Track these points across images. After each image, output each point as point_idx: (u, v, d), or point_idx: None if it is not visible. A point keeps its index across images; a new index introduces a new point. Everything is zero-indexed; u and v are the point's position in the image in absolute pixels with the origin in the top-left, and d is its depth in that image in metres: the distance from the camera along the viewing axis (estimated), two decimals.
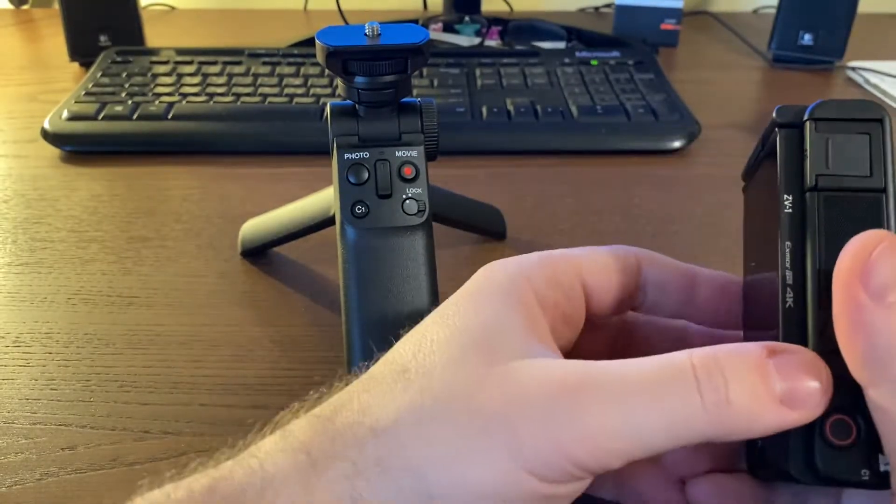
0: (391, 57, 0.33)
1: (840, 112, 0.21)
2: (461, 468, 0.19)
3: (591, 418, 0.19)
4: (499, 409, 0.19)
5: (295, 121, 0.60)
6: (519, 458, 0.19)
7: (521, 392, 0.20)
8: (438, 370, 0.21)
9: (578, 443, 0.19)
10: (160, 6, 1.00)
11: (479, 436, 0.19)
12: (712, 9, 1.03)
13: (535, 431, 0.19)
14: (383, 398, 0.21)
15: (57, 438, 0.33)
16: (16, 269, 0.45)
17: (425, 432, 0.20)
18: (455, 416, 0.20)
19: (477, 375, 0.20)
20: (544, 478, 0.19)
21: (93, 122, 0.60)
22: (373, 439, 0.20)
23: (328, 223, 0.40)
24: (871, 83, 0.75)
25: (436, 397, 0.20)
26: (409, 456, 0.19)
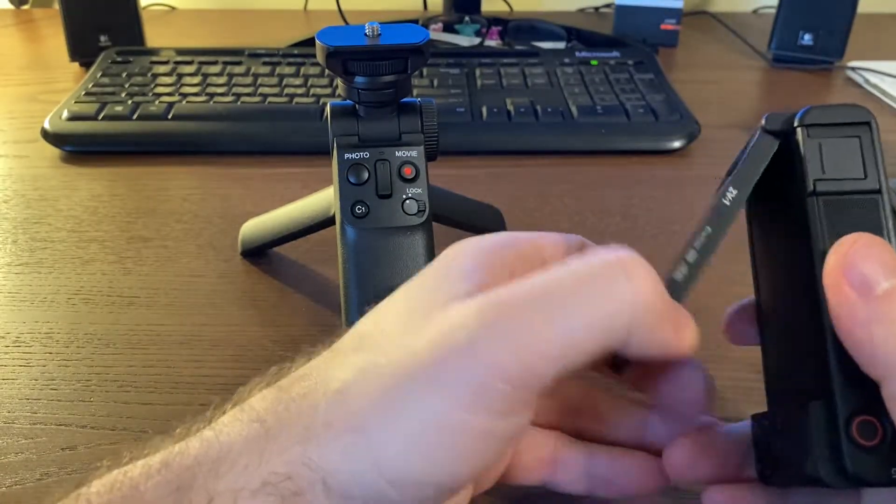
0: (391, 57, 0.33)
1: (829, 117, 0.21)
2: (397, 417, 0.19)
3: (517, 330, 0.19)
4: (427, 353, 0.19)
5: (295, 121, 0.60)
6: (449, 397, 0.19)
7: (446, 329, 0.20)
8: (386, 332, 0.21)
9: (509, 356, 0.19)
10: (160, 6, 1.00)
11: (412, 385, 0.19)
12: (712, 9, 1.03)
13: (459, 362, 0.19)
14: (340, 365, 0.21)
15: (57, 438, 0.33)
16: (16, 269, 0.45)
17: (370, 393, 0.20)
18: (394, 372, 0.20)
19: (413, 329, 0.21)
20: (477, 409, 0.19)
21: (93, 122, 0.60)
22: (324, 404, 0.20)
23: (328, 223, 0.40)
24: (870, 83, 0.75)
25: (380, 357, 0.20)
26: (353, 414, 0.20)
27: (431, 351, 0.19)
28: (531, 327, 0.19)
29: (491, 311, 0.19)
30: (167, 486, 0.19)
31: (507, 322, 0.19)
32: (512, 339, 0.19)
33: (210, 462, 0.20)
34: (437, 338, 0.20)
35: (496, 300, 0.20)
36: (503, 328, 0.19)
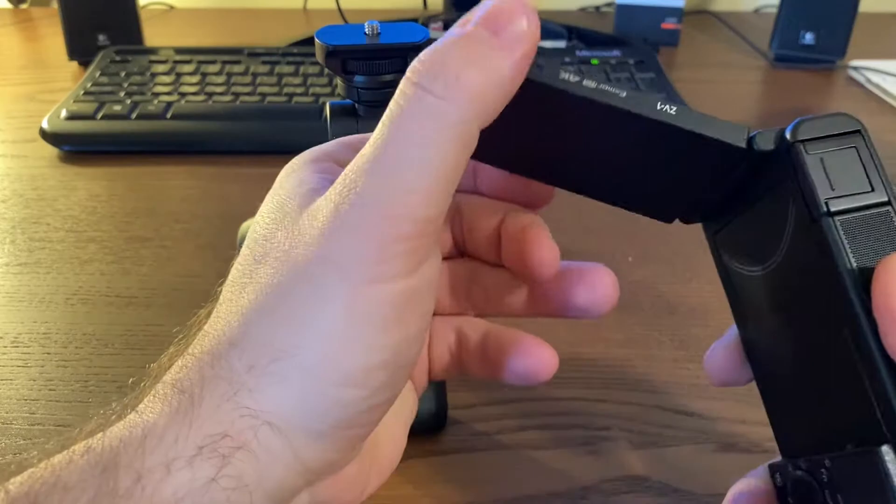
0: (391, 56, 0.33)
1: (819, 130, 0.20)
2: (318, 325, 0.19)
3: (374, 189, 0.18)
4: (308, 252, 0.19)
5: (294, 120, 0.60)
6: (352, 276, 0.19)
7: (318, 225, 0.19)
8: (257, 262, 0.20)
9: (381, 218, 0.18)
10: (159, 5, 0.99)
11: (309, 285, 0.19)
12: (713, 8, 1.02)
13: (347, 242, 0.19)
14: (230, 312, 0.20)
15: (55, 439, 0.33)
16: (14, 270, 0.44)
17: (273, 316, 0.19)
18: (288, 285, 0.19)
19: (287, 240, 0.20)
20: (384, 276, 0.19)
21: (91, 121, 0.59)
22: (234, 349, 0.19)
23: None
24: (872, 82, 0.75)
25: (267, 282, 0.20)
26: (273, 345, 0.19)
27: (314, 246, 0.19)
28: (386, 181, 0.19)
29: (348, 186, 0.19)
30: (91, 470, 0.18)
31: (367, 187, 0.19)
32: (377, 198, 0.19)
33: (136, 441, 0.19)
34: (313, 233, 0.19)
35: (346, 175, 0.19)
36: (369, 194, 0.19)
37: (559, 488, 0.31)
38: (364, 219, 0.19)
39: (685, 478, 0.31)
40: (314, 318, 0.19)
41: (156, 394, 0.20)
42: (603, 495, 0.31)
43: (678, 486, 0.31)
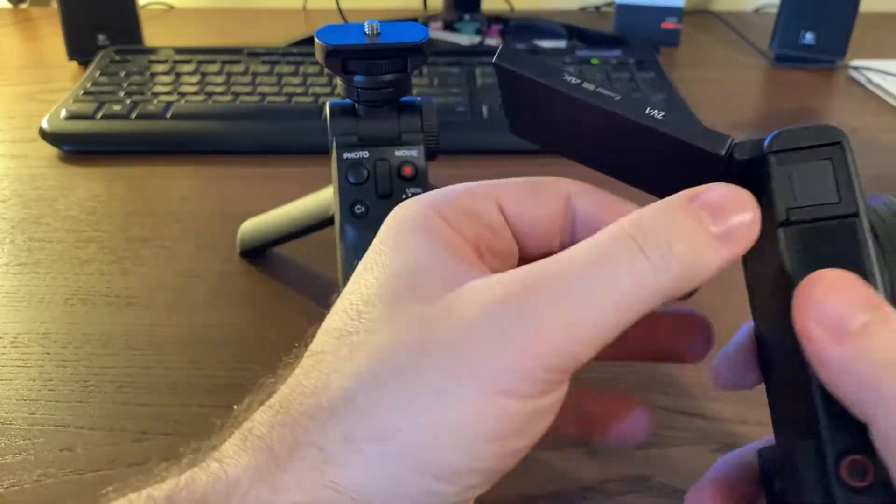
0: (391, 56, 0.33)
1: (799, 140, 0.20)
2: (433, 414, 0.18)
3: (549, 316, 0.18)
4: (451, 343, 0.18)
5: (294, 120, 0.60)
6: (488, 383, 0.18)
7: (468, 316, 0.19)
8: (378, 324, 0.20)
9: (543, 344, 0.18)
10: (159, 5, 0.99)
11: (440, 375, 0.18)
12: (714, 7, 1.02)
13: (497, 350, 0.18)
14: (333, 371, 0.19)
15: (55, 439, 0.33)
16: (14, 270, 0.44)
17: (386, 392, 0.19)
18: (409, 365, 0.19)
19: (418, 317, 0.19)
20: (519, 394, 0.18)
21: (91, 121, 0.59)
22: (333, 418, 0.19)
23: (327, 223, 0.40)
24: (872, 82, 0.75)
25: (384, 353, 0.19)
26: (377, 422, 0.18)
27: (451, 345, 0.18)
28: (560, 315, 0.18)
29: (512, 304, 0.19)
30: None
31: (535, 314, 0.18)
32: (542, 330, 0.18)
33: (219, 498, 0.18)
34: (454, 330, 0.19)
35: (514, 291, 0.19)
36: (533, 319, 0.18)
37: (559, 488, 0.31)
38: (524, 339, 0.18)
39: (686, 478, 0.31)
40: (431, 410, 0.18)
41: (242, 445, 0.20)
42: (604, 495, 0.31)
43: (679, 486, 0.31)
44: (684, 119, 0.21)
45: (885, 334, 0.17)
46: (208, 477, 0.19)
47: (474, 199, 0.23)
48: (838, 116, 0.70)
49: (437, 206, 0.22)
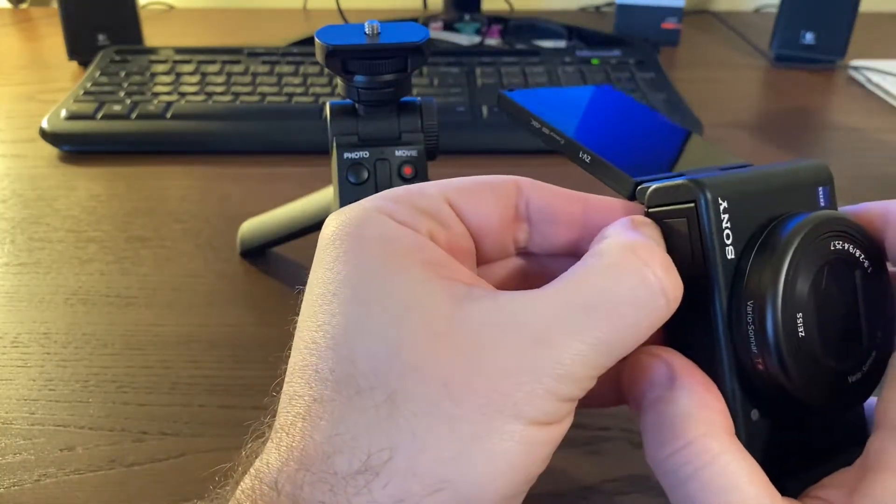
0: (391, 56, 0.33)
1: (666, 198, 0.21)
2: (481, 457, 0.18)
3: (572, 360, 0.18)
4: (478, 382, 0.18)
5: (294, 120, 0.60)
6: (523, 417, 0.18)
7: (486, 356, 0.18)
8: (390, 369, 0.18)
9: (569, 383, 0.19)
10: (159, 5, 0.99)
11: (477, 417, 0.18)
12: (714, 8, 1.02)
13: (524, 385, 0.18)
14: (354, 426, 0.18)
15: (55, 439, 0.33)
16: (14, 270, 0.44)
17: (427, 445, 0.18)
18: (442, 412, 0.18)
19: (433, 359, 0.18)
20: (552, 421, 0.19)
21: (91, 121, 0.59)
22: (377, 479, 0.18)
23: None
24: (872, 82, 0.75)
25: (410, 404, 0.18)
26: (426, 477, 0.18)
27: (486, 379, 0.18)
28: (573, 351, 0.19)
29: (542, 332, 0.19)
30: None
31: (557, 349, 0.19)
32: (567, 367, 0.19)
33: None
34: (484, 364, 0.18)
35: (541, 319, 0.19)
36: (557, 357, 0.18)
37: (560, 488, 0.31)
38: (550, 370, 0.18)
39: None
40: (477, 454, 0.18)
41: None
42: (604, 495, 0.31)
43: None
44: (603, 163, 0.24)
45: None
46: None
47: (420, 196, 0.22)
48: (838, 116, 0.70)
49: (380, 208, 0.21)
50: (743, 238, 0.20)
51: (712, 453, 0.19)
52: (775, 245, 0.20)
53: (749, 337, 0.20)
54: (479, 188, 0.23)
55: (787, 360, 0.19)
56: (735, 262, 0.20)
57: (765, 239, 0.20)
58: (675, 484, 0.20)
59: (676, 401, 0.20)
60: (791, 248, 0.20)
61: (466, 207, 0.22)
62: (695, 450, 0.19)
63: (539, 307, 0.19)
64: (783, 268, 0.19)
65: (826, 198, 0.22)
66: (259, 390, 0.36)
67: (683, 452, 0.19)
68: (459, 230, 0.22)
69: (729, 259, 0.20)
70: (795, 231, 0.20)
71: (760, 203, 0.21)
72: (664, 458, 0.20)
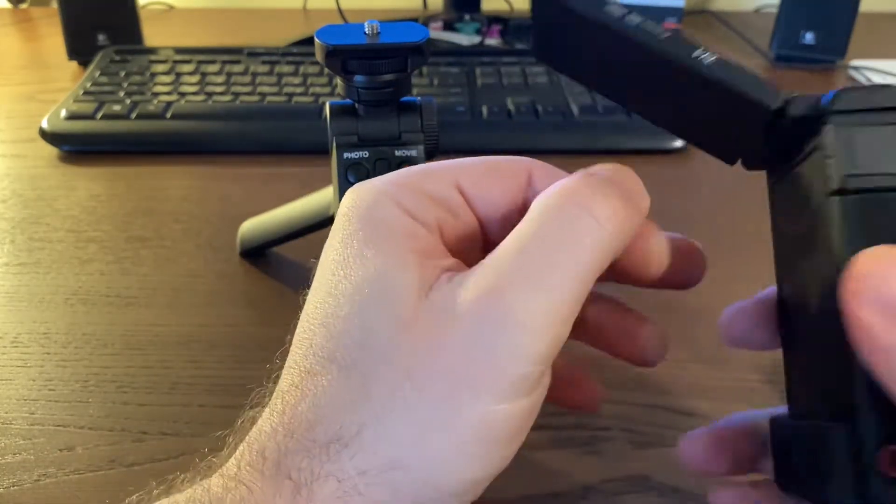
0: (391, 56, 0.33)
1: (863, 102, 0.18)
2: (440, 438, 0.18)
3: (525, 310, 0.19)
4: (439, 364, 0.19)
5: (294, 120, 0.60)
6: (485, 394, 0.18)
7: (447, 333, 0.19)
8: (365, 352, 0.19)
9: (526, 341, 0.19)
10: (158, 5, 0.99)
11: (437, 398, 0.19)
12: (713, 8, 1.02)
13: (485, 360, 0.18)
14: (332, 399, 0.19)
15: (55, 439, 0.33)
16: (14, 270, 0.44)
17: (388, 424, 0.19)
18: (405, 394, 0.19)
19: (398, 347, 0.19)
20: (516, 395, 0.19)
21: (91, 121, 0.59)
22: (346, 450, 0.19)
23: (327, 223, 0.40)
24: (872, 82, 0.75)
25: (378, 385, 0.19)
26: (386, 455, 0.19)
27: (445, 358, 0.19)
28: (535, 307, 0.19)
29: (493, 297, 0.19)
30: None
31: (508, 308, 0.19)
32: (525, 326, 0.18)
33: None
34: (441, 343, 0.19)
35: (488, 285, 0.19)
36: (517, 312, 0.19)
37: (559, 488, 0.31)
38: (508, 341, 0.18)
39: (685, 478, 0.31)
40: (436, 435, 0.19)
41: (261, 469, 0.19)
42: (604, 495, 0.31)
43: (678, 486, 0.31)
44: (734, 67, 0.20)
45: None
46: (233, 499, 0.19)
47: (431, 181, 0.22)
48: None
49: (391, 194, 0.22)
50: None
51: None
52: None
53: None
54: (490, 171, 0.23)
55: None
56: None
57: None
58: None
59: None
60: None
61: (475, 194, 0.23)
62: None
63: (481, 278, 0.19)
64: None
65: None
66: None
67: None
68: (467, 218, 0.23)
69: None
70: None
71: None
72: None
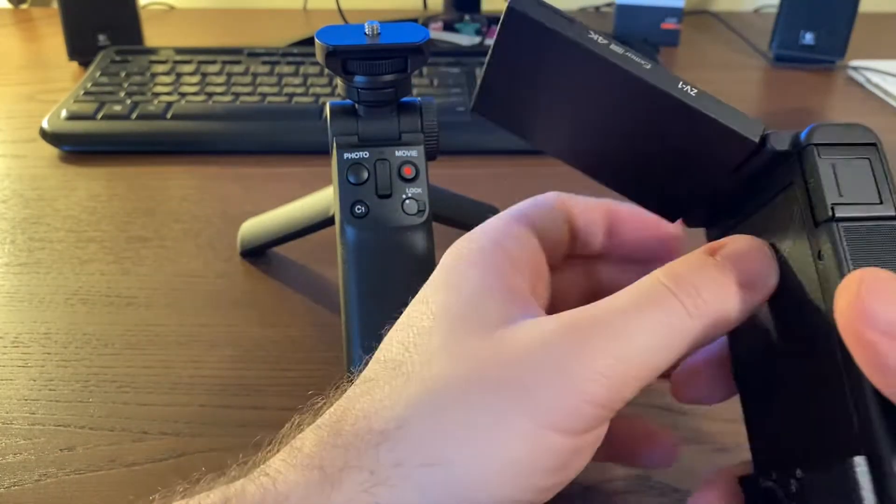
0: (391, 56, 0.33)
1: (837, 136, 0.20)
2: (485, 445, 0.19)
3: (599, 354, 0.19)
4: (505, 376, 0.19)
5: (294, 120, 0.60)
6: (539, 417, 0.19)
7: (522, 352, 0.20)
8: (433, 356, 0.20)
9: (593, 381, 0.19)
10: (159, 5, 0.99)
11: (493, 407, 0.19)
12: (713, 8, 1.02)
13: (549, 385, 0.19)
14: (387, 398, 0.20)
15: (55, 439, 0.33)
16: (14, 270, 0.44)
17: (439, 421, 0.19)
18: (463, 396, 0.19)
19: (472, 350, 0.20)
20: (568, 430, 0.19)
21: (91, 121, 0.59)
22: (386, 443, 0.19)
23: (328, 223, 0.40)
24: (872, 83, 0.75)
25: (438, 384, 0.20)
26: (429, 450, 0.19)
27: (505, 379, 0.19)
28: (609, 355, 0.19)
29: (565, 341, 0.20)
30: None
31: (586, 352, 0.19)
32: (592, 367, 0.19)
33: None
34: (508, 364, 0.19)
35: (567, 329, 0.20)
36: (585, 357, 0.19)
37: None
38: (575, 375, 0.19)
39: (685, 478, 0.31)
40: (482, 443, 0.19)
41: (290, 461, 0.20)
42: (604, 495, 0.31)
43: (678, 486, 0.31)
44: (717, 101, 0.21)
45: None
46: (258, 489, 0.19)
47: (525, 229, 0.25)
48: (838, 117, 0.70)
49: (499, 241, 0.24)
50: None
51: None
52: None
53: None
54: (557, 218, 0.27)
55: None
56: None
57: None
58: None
59: None
60: None
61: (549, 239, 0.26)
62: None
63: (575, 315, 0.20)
64: None
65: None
66: (259, 390, 0.36)
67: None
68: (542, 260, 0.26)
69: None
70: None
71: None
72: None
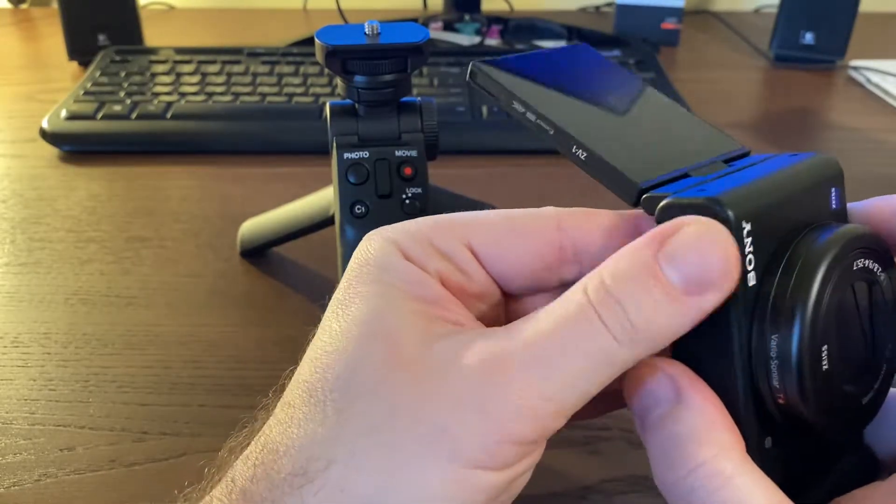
0: (391, 56, 0.33)
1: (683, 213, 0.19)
2: (407, 487, 0.18)
3: (520, 393, 0.18)
4: (421, 415, 0.18)
5: (294, 120, 0.60)
6: (461, 457, 0.18)
7: (438, 384, 0.19)
8: (347, 386, 0.19)
9: (514, 420, 0.18)
10: (159, 5, 0.99)
11: (412, 447, 0.18)
12: (713, 8, 1.02)
13: (468, 425, 0.18)
14: (306, 434, 0.19)
15: (55, 439, 0.33)
16: (14, 270, 0.44)
17: (357, 463, 0.18)
18: (380, 435, 0.18)
19: (387, 383, 0.19)
20: (492, 467, 0.18)
21: (91, 121, 0.59)
22: (309, 485, 0.18)
23: (328, 223, 0.40)
24: (872, 82, 0.75)
25: (357, 422, 0.19)
26: (352, 494, 0.18)
27: (429, 409, 0.18)
28: (529, 391, 0.18)
29: (482, 379, 0.18)
30: None
31: (504, 390, 0.18)
32: (512, 406, 0.18)
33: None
34: (429, 393, 0.18)
35: (483, 365, 0.18)
36: (503, 395, 0.18)
37: (559, 488, 0.31)
38: (497, 413, 0.18)
39: None
40: (404, 484, 0.18)
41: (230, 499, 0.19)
42: (603, 495, 0.31)
43: None
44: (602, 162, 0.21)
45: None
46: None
47: (440, 236, 0.22)
48: (838, 116, 0.70)
49: (398, 242, 0.21)
50: (764, 258, 0.19)
51: (725, 475, 0.18)
52: (802, 273, 0.18)
53: (771, 371, 0.18)
54: (507, 231, 0.22)
55: (809, 395, 0.18)
56: (756, 288, 0.19)
57: (788, 261, 0.19)
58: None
59: (683, 420, 0.19)
60: (818, 276, 0.18)
61: (488, 254, 0.22)
62: (706, 472, 0.18)
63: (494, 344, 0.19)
64: (810, 302, 0.18)
65: (837, 199, 0.21)
66: (259, 390, 0.36)
67: (695, 475, 0.18)
68: (479, 277, 0.22)
69: (750, 286, 0.18)
70: (821, 254, 0.18)
71: (780, 214, 0.19)
72: (674, 481, 0.19)
